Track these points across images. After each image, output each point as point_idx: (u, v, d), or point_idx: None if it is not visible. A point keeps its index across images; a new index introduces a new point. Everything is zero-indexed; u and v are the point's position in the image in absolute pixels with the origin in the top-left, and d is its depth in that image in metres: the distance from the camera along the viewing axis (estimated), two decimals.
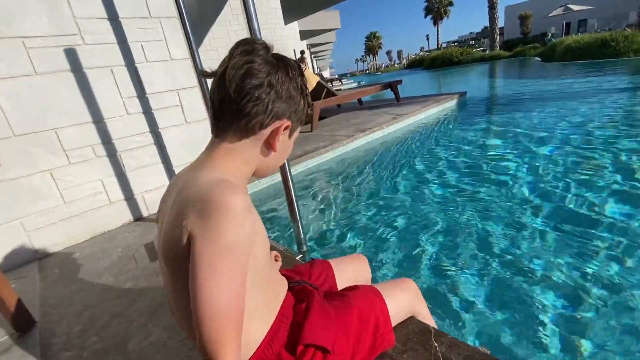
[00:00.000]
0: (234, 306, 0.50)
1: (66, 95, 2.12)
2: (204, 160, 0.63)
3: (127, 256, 1.96)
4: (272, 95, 0.60)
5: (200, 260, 0.49)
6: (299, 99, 0.65)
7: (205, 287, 0.48)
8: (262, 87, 0.59)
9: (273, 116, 0.61)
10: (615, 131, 3.64)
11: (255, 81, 0.58)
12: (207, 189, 0.53)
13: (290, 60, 0.65)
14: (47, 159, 2.09)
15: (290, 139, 0.70)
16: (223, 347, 0.48)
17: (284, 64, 0.63)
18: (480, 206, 2.45)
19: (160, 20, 2.44)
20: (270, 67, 0.60)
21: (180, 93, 2.60)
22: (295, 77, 0.63)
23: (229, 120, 0.61)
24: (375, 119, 5.51)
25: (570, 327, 1.34)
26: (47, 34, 2.02)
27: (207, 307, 0.48)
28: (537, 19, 28.48)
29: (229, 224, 0.50)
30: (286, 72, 0.62)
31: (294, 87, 0.63)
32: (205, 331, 0.48)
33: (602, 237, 1.88)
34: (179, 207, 0.54)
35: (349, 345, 0.78)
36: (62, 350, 1.26)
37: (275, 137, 0.63)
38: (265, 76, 0.59)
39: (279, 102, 0.61)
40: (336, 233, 2.41)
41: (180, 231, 0.52)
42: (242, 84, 0.58)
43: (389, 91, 7.08)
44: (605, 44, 11.63)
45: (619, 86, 6.30)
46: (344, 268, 1.07)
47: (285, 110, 0.63)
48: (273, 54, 0.63)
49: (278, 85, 0.60)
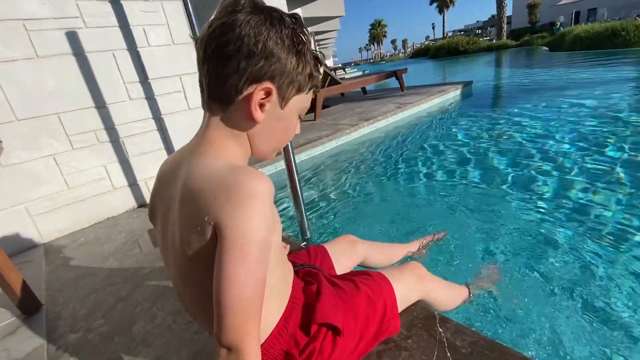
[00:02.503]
0: (259, 292, 0.50)
1: (68, 79, 2.10)
2: (200, 144, 0.58)
3: (131, 241, 1.97)
4: (243, 50, 0.50)
5: (231, 251, 0.47)
6: (284, 56, 0.53)
7: (236, 276, 0.47)
8: (232, 43, 0.50)
9: (247, 78, 0.52)
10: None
11: (225, 38, 0.50)
12: (228, 177, 0.50)
13: (279, 10, 0.54)
14: (50, 144, 2.09)
15: (286, 110, 0.58)
16: (248, 333, 0.48)
17: (266, 13, 0.52)
18: (483, 196, 2.43)
19: (162, 4, 2.39)
20: (245, 17, 0.50)
21: (183, 78, 2.57)
22: (280, 29, 0.52)
23: (208, 87, 0.55)
24: (379, 108, 5.45)
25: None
26: (48, 17, 1.99)
27: (235, 294, 0.47)
28: (546, 7, 27.90)
29: (260, 212, 0.48)
30: (266, 22, 0.51)
31: (275, 41, 0.51)
32: (232, 318, 0.47)
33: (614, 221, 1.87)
34: (196, 201, 0.50)
35: (357, 328, 0.78)
36: (68, 332, 1.28)
37: (250, 103, 0.53)
38: (237, 29, 0.50)
39: (253, 59, 0.51)
40: (340, 221, 2.41)
41: (203, 227, 0.49)
42: (214, 42, 0.51)
43: (394, 80, 6.99)
44: (616, 34, 11.39)
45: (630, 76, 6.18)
46: (337, 250, 1.08)
47: (265, 71, 0.52)
48: (258, 5, 0.53)
49: (251, 39, 0.50)
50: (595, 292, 1.45)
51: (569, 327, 1.30)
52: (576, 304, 1.41)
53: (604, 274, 1.54)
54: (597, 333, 1.26)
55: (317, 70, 0.60)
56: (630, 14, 17.90)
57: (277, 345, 0.68)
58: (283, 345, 0.69)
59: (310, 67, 0.58)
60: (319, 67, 0.60)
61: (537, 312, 1.39)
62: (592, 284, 1.50)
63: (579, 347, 1.21)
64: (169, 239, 0.59)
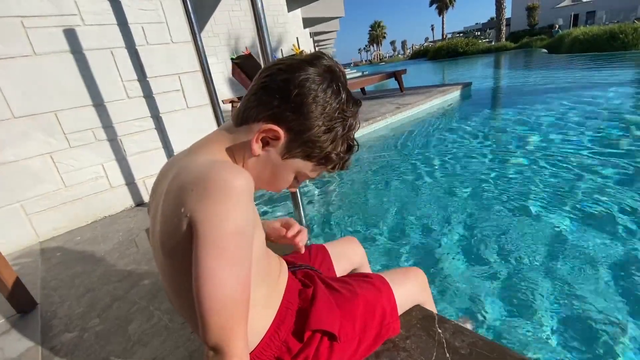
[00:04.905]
0: (242, 290, 0.48)
1: (66, 77, 2.09)
2: (200, 144, 0.59)
3: (128, 240, 1.96)
4: (285, 93, 0.53)
5: (206, 246, 0.45)
6: (314, 122, 0.55)
7: (213, 273, 0.45)
8: (283, 82, 0.53)
9: (270, 114, 0.55)
10: None
11: (283, 75, 0.54)
12: (206, 170, 0.49)
13: (346, 88, 0.58)
14: (48, 141, 2.07)
15: (284, 162, 0.59)
16: (234, 333, 0.46)
17: (330, 81, 0.55)
18: (483, 200, 2.43)
19: (161, 2, 2.38)
20: (312, 74, 0.54)
21: (181, 77, 2.55)
22: (331, 99, 0.55)
23: (242, 102, 0.58)
24: (378, 108, 5.45)
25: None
26: (46, 14, 1.97)
27: (215, 293, 0.45)
28: (545, 10, 28.03)
29: (234, 206, 0.46)
30: (323, 85, 0.54)
31: (316, 105, 0.54)
32: (213, 318, 0.45)
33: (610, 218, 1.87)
34: (176, 194, 0.49)
35: (355, 332, 0.77)
36: (63, 331, 1.26)
37: (257, 133, 0.55)
38: (296, 76, 0.53)
39: (286, 105, 0.54)
40: (337, 220, 2.40)
41: (180, 219, 0.47)
42: (274, 74, 0.55)
43: (393, 81, 7.00)
44: (614, 37, 11.46)
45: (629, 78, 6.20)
46: (338, 251, 1.07)
47: (288, 119, 0.55)
48: (332, 71, 0.56)
49: (298, 89, 0.53)
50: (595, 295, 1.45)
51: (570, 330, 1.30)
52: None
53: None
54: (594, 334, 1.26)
55: (338, 156, 0.61)
56: (629, 17, 18.00)
57: (268, 352, 0.66)
58: (274, 351, 0.67)
59: (335, 150, 0.59)
60: (342, 155, 0.61)
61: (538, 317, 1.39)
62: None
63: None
64: (154, 236, 0.58)
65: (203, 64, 2.24)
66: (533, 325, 1.33)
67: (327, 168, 0.63)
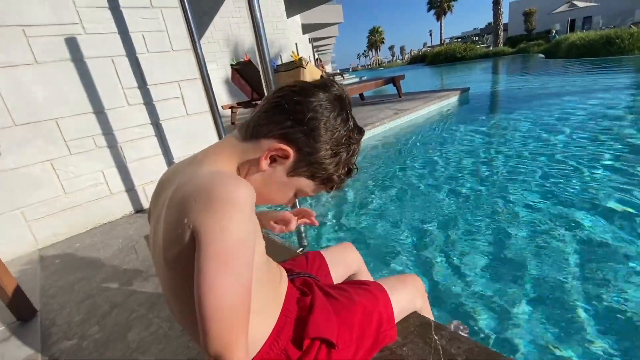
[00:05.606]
0: (243, 300, 0.49)
1: (67, 85, 2.11)
2: (205, 154, 0.61)
3: (127, 247, 1.96)
4: (299, 116, 0.56)
5: (209, 255, 0.46)
6: (323, 145, 0.59)
7: (215, 282, 0.46)
8: (297, 104, 0.56)
9: (282, 133, 0.57)
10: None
11: (296, 97, 0.57)
12: (209, 181, 0.50)
13: (352, 117, 0.62)
14: (48, 149, 2.09)
15: (289, 180, 0.62)
16: (235, 342, 0.47)
17: (340, 109, 0.60)
18: (479, 203, 2.44)
19: (161, 10, 2.41)
20: (323, 99, 0.58)
21: (181, 85, 2.57)
22: (339, 126, 0.59)
23: (251, 117, 0.60)
24: (376, 114, 5.49)
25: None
26: (47, 23, 2.00)
27: (217, 302, 0.46)
28: (542, 15, 28.27)
29: (237, 217, 0.48)
30: (334, 113, 0.58)
31: (326, 130, 0.58)
32: (215, 327, 0.46)
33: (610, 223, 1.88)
34: (179, 204, 0.50)
35: (353, 339, 0.78)
36: (62, 339, 1.27)
37: (263, 152, 0.58)
38: (309, 100, 0.57)
39: (299, 127, 0.57)
40: (335, 227, 2.41)
41: (183, 229, 0.48)
42: (287, 95, 0.57)
43: (391, 87, 7.04)
44: (610, 42, 11.55)
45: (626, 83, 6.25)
46: (334, 257, 1.08)
47: (299, 140, 0.58)
48: (341, 99, 0.60)
49: (311, 113, 0.56)
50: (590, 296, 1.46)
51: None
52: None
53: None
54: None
55: (339, 178, 0.65)
56: (625, 22, 18.16)
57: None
58: (274, 359, 0.69)
59: (337, 172, 0.63)
60: (343, 177, 0.65)
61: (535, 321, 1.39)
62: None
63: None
64: (156, 244, 0.59)
65: (203, 72, 2.26)
66: (529, 332, 1.33)
67: (327, 188, 0.66)
